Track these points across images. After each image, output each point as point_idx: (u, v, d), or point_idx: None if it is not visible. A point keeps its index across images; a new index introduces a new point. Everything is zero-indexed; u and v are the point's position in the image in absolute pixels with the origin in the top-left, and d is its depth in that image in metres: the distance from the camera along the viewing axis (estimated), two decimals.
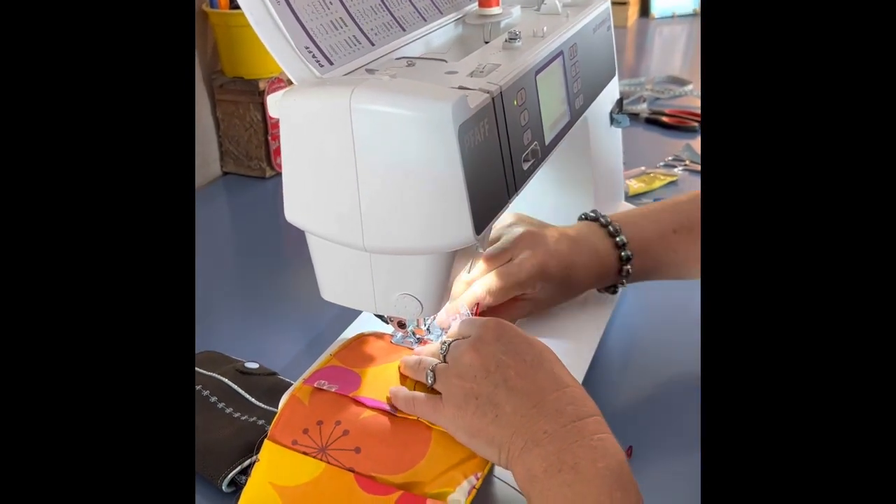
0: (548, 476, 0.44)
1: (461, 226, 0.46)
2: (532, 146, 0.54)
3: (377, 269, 0.51)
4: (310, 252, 0.53)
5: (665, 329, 0.75)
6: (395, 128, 0.44)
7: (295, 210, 0.50)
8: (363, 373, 0.57)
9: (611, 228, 0.67)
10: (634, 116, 1.33)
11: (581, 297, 0.70)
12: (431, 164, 0.44)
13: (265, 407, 0.62)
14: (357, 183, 0.46)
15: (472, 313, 0.62)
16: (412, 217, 0.46)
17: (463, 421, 0.49)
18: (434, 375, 0.52)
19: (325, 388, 0.55)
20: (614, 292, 0.70)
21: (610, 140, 0.80)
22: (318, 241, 0.52)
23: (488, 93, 0.48)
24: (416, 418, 0.52)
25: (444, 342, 0.54)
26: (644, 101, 1.39)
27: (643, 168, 1.10)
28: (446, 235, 0.47)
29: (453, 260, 0.50)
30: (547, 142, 0.57)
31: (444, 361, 0.53)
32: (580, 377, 0.62)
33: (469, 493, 0.49)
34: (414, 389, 0.54)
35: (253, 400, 0.63)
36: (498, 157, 0.49)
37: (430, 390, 0.53)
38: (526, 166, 0.53)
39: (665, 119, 1.31)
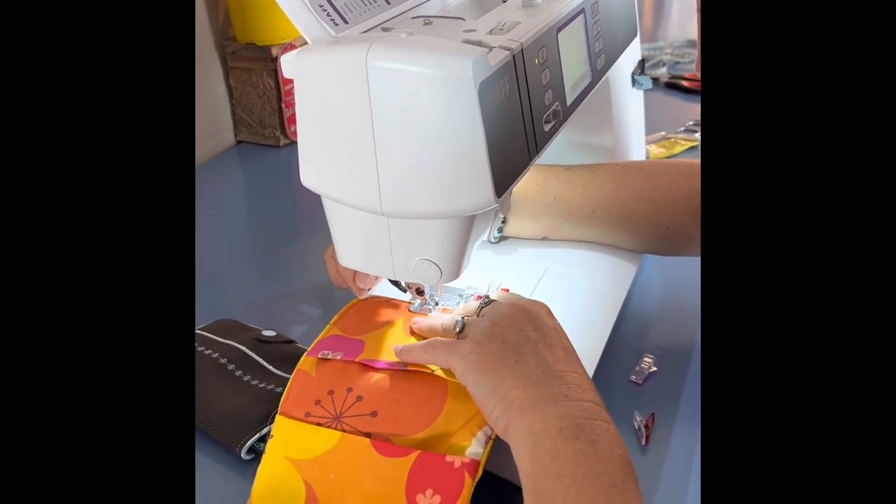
0: (563, 437, 0.42)
1: (482, 188, 0.44)
2: (554, 107, 0.53)
3: (395, 234, 0.49)
4: (326, 217, 0.52)
5: (683, 299, 0.73)
6: (414, 86, 0.43)
7: (310, 174, 0.49)
8: (365, 338, 0.56)
9: None
10: (654, 81, 1.30)
11: (601, 269, 0.69)
12: (451, 123, 0.43)
13: (283, 374, 0.61)
14: (374, 145, 0.45)
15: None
16: (431, 180, 0.45)
17: (478, 356, 0.47)
18: (464, 324, 0.51)
19: (329, 357, 0.55)
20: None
21: (632, 103, 0.77)
22: (334, 206, 0.51)
23: (509, 50, 0.46)
24: (430, 372, 0.52)
25: (487, 298, 0.53)
26: (663, 65, 1.37)
27: (663, 133, 1.08)
28: (466, 198, 0.45)
29: (473, 224, 0.49)
30: (569, 102, 0.56)
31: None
32: (599, 348, 0.61)
33: (486, 444, 0.48)
34: None
35: (271, 368, 0.62)
36: (519, 117, 0.48)
37: None
38: (547, 127, 0.52)
39: (685, 83, 1.28)
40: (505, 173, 0.46)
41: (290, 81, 1.06)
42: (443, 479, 0.47)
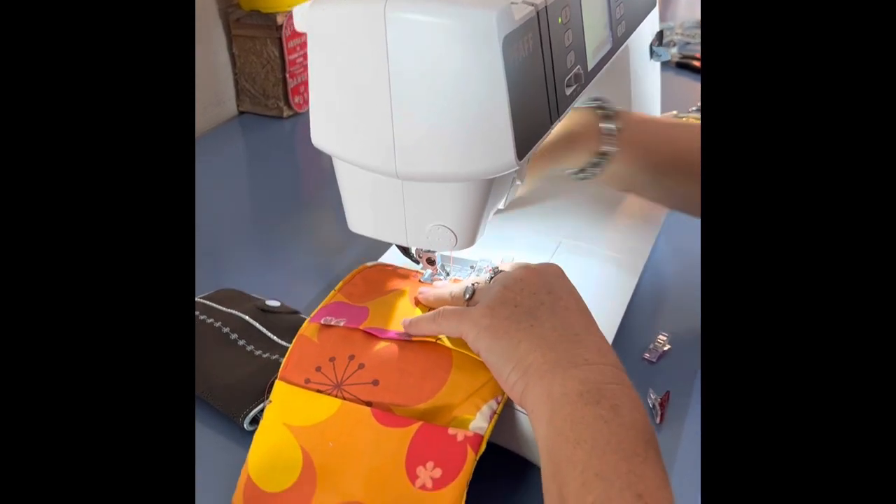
0: (584, 402, 0.40)
1: (503, 149, 0.42)
2: (575, 70, 0.51)
3: (409, 198, 0.48)
4: (337, 180, 0.50)
5: (698, 277, 0.71)
6: (435, 39, 0.40)
7: (322, 134, 0.47)
8: (370, 305, 0.54)
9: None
10: (665, 61, 1.28)
11: (616, 243, 0.67)
12: (473, 79, 0.41)
13: (287, 345, 0.59)
14: (390, 102, 0.43)
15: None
16: (449, 140, 0.43)
17: (491, 320, 0.45)
18: (474, 291, 0.49)
19: (332, 323, 0.53)
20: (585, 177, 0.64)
21: (649, 74, 0.75)
22: (346, 168, 0.49)
23: (533, 5, 0.44)
24: (434, 341, 0.50)
25: (495, 269, 0.51)
26: (674, 45, 1.34)
27: (675, 112, 1.06)
28: (486, 160, 0.43)
29: (491, 189, 0.47)
30: (590, 67, 0.54)
31: None
32: (614, 325, 0.60)
33: (490, 418, 0.47)
34: None
35: (275, 338, 0.60)
36: (541, 77, 0.46)
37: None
38: (569, 91, 0.50)
39: (696, 63, 1.26)
40: (526, 136, 0.44)
41: (295, 51, 1.05)
42: (445, 452, 0.46)
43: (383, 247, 0.68)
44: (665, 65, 1.27)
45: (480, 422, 0.46)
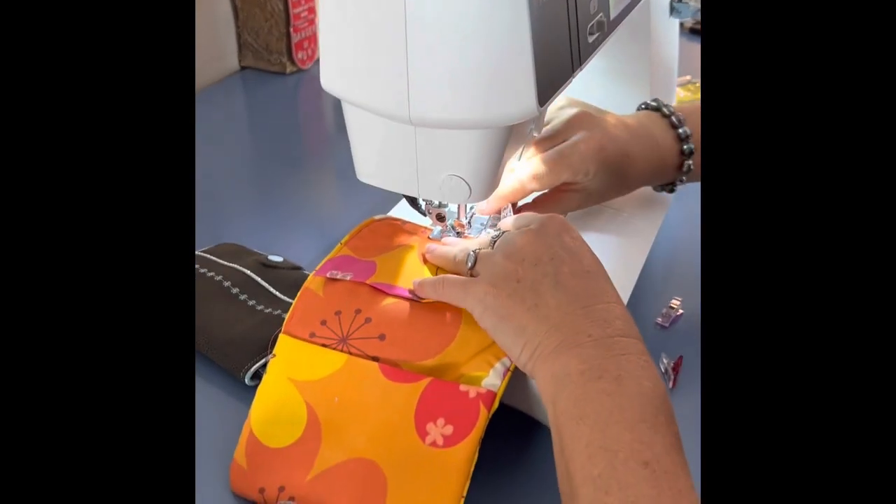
0: (585, 379, 0.40)
1: (524, 94, 0.40)
2: (598, 17, 0.48)
3: (423, 146, 0.45)
4: (346, 126, 0.48)
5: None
6: None
7: (332, 76, 0.45)
8: (378, 260, 0.53)
9: (674, 119, 0.60)
10: (679, 27, 1.25)
11: (630, 205, 0.65)
12: (494, 17, 0.39)
13: (289, 300, 0.58)
14: (406, 41, 0.40)
15: (511, 210, 0.56)
16: (468, 83, 0.41)
17: (494, 300, 0.44)
18: (476, 258, 0.47)
19: (338, 277, 0.51)
20: (671, 191, 0.64)
21: (668, 32, 0.73)
22: (356, 113, 0.47)
23: None
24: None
25: (499, 230, 0.49)
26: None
27: (689, 77, 1.03)
28: (506, 105, 0.41)
29: (508, 138, 0.45)
30: (612, 16, 0.51)
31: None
32: (629, 287, 0.58)
33: (504, 375, 0.45)
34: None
35: (277, 293, 0.59)
36: (564, 21, 0.43)
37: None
38: (591, 39, 0.47)
39: None
40: (547, 81, 0.42)
41: (300, 3, 1.01)
42: (456, 408, 0.44)
43: (386, 208, 0.67)
44: (679, 30, 1.24)
45: (494, 378, 0.45)
